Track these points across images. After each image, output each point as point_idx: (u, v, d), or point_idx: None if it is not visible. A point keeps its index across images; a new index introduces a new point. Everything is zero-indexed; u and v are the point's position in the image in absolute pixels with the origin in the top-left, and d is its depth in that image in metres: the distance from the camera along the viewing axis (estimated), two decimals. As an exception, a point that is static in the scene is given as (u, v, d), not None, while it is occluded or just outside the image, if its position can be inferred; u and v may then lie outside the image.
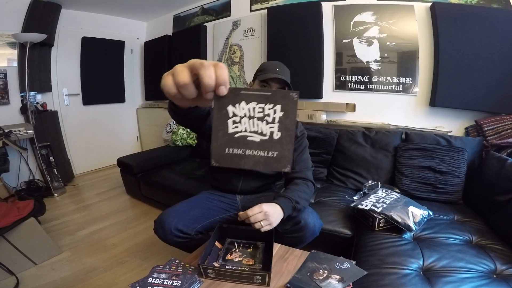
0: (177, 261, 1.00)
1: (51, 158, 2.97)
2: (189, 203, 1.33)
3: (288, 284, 0.88)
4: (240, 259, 1.02)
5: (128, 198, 2.86)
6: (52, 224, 2.25)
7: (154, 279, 0.90)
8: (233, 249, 1.08)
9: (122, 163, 2.66)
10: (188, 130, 2.99)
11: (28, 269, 1.68)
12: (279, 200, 1.11)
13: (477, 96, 1.98)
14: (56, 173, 3.00)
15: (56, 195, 2.87)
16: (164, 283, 0.89)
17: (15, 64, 2.85)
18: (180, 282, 0.88)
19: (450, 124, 2.13)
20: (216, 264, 0.98)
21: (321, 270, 0.93)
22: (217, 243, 1.10)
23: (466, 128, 2.07)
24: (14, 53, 2.83)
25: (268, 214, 1.02)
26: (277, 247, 1.10)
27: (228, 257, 1.03)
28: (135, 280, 0.88)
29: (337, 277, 0.89)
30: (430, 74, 2.17)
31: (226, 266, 0.96)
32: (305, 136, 1.37)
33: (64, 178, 3.16)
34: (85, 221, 2.34)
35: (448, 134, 2.01)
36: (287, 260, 1.03)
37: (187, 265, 0.98)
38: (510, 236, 1.22)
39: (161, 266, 0.97)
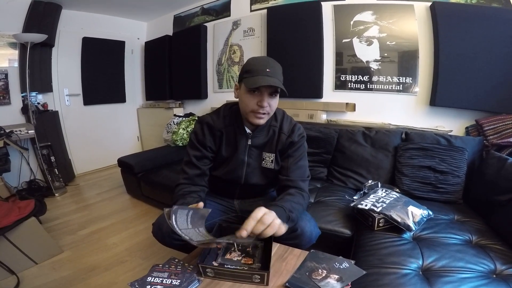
0: (176, 260, 1.00)
1: (52, 158, 2.98)
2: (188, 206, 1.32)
3: (287, 284, 0.88)
4: (239, 258, 1.02)
5: (129, 197, 2.86)
6: (53, 223, 2.27)
7: (153, 278, 0.90)
8: (232, 249, 1.08)
9: (123, 163, 2.67)
10: (189, 130, 2.99)
11: (28, 268, 1.69)
12: (273, 209, 0.98)
13: (478, 95, 1.97)
14: (57, 173, 3.01)
15: (57, 194, 2.89)
16: (163, 282, 0.89)
17: (16, 64, 2.87)
18: (179, 281, 0.89)
19: (451, 124, 2.13)
20: (215, 263, 0.99)
21: (320, 270, 0.93)
22: (216, 243, 1.10)
23: (466, 128, 2.07)
24: (15, 53, 2.85)
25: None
26: (276, 246, 1.10)
27: (227, 256, 1.03)
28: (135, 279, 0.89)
29: (336, 276, 0.89)
30: (430, 74, 2.16)
31: (225, 265, 0.96)
32: (304, 140, 1.23)
33: (65, 178, 3.18)
34: (86, 221, 2.35)
35: (449, 133, 2.01)
36: (286, 260, 1.03)
37: (186, 264, 0.98)
38: (510, 236, 1.22)
39: (160, 265, 0.97)
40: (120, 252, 1.89)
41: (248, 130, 1.20)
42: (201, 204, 1.00)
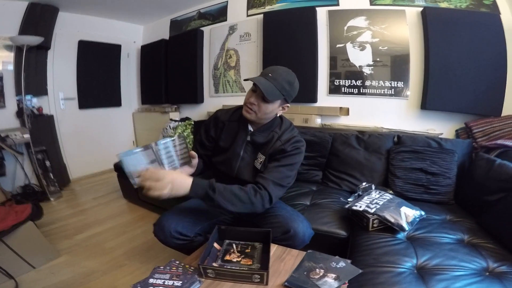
0: (177, 262, 1.03)
1: (47, 163, 2.96)
2: (188, 206, 1.36)
3: (286, 283, 0.90)
4: (238, 259, 1.05)
5: (125, 202, 2.86)
6: (49, 228, 2.25)
7: (155, 280, 0.92)
8: (232, 250, 1.10)
9: (120, 167, 2.66)
10: (185, 134, 3.00)
11: (26, 272, 1.68)
12: (196, 178, 1.07)
13: (467, 99, 2.04)
14: (52, 177, 2.99)
15: (52, 199, 2.87)
16: (165, 283, 0.91)
17: (11, 67, 2.85)
18: (181, 282, 0.91)
19: (441, 127, 2.19)
20: (215, 265, 1.01)
21: (317, 269, 0.96)
22: (215, 244, 1.13)
23: (456, 131, 2.13)
24: (10, 56, 2.84)
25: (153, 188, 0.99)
26: (274, 247, 1.13)
27: (227, 257, 1.06)
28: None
29: (333, 275, 0.92)
30: (421, 78, 2.22)
31: (225, 266, 0.99)
32: (298, 153, 1.24)
33: (60, 182, 3.15)
34: (83, 225, 2.34)
35: (439, 136, 2.05)
36: (284, 260, 1.06)
37: (187, 266, 1.00)
38: (500, 235, 1.26)
39: (162, 267, 0.99)
40: (118, 256, 1.89)
41: (250, 128, 1.29)
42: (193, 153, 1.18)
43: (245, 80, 1.21)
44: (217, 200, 1.07)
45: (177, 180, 1.03)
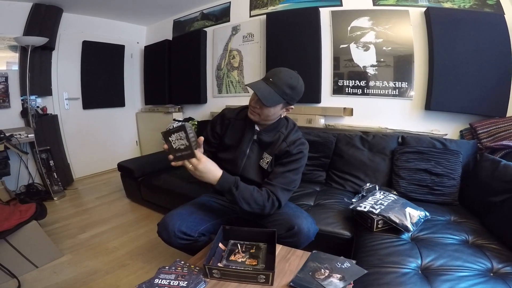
0: (182, 262, 1.02)
1: (51, 162, 2.97)
2: (192, 206, 1.36)
3: (291, 283, 0.90)
4: (243, 259, 1.05)
5: (128, 202, 2.86)
6: (52, 227, 2.26)
7: (160, 280, 0.92)
8: (236, 250, 1.10)
9: (123, 167, 2.68)
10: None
11: (29, 272, 1.68)
12: (225, 173, 1.12)
13: (471, 99, 2.03)
14: (55, 177, 3.00)
15: (55, 198, 2.87)
16: (171, 283, 0.91)
17: (15, 67, 2.87)
18: (186, 282, 0.91)
19: (445, 128, 2.18)
20: (220, 265, 1.01)
21: (322, 270, 0.96)
22: (220, 245, 1.13)
23: (461, 131, 2.12)
24: (15, 56, 2.86)
25: (200, 169, 1.05)
26: (279, 248, 1.13)
27: (232, 258, 1.06)
28: (138, 283, 0.91)
29: (338, 276, 0.92)
30: (425, 78, 2.21)
31: (230, 267, 0.99)
32: (302, 157, 1.27)
33: (64, 182, 3.16)
34: (86, 225, 2.34)
35: (444, 137, 2.05)
36: (289, 260, 1.06)
37: (192, 266, 1.00)
38: (505, 236, 1.26)
39: (167, 267, 0.99)
40: (121, 256, 1.89)
41: (257, 128, 1.31)
42: (201, 138, 1.14)
43: (246, 85, 1.25)
44: (237, 197, 1.13)
45: (211, 167, 1.09)
